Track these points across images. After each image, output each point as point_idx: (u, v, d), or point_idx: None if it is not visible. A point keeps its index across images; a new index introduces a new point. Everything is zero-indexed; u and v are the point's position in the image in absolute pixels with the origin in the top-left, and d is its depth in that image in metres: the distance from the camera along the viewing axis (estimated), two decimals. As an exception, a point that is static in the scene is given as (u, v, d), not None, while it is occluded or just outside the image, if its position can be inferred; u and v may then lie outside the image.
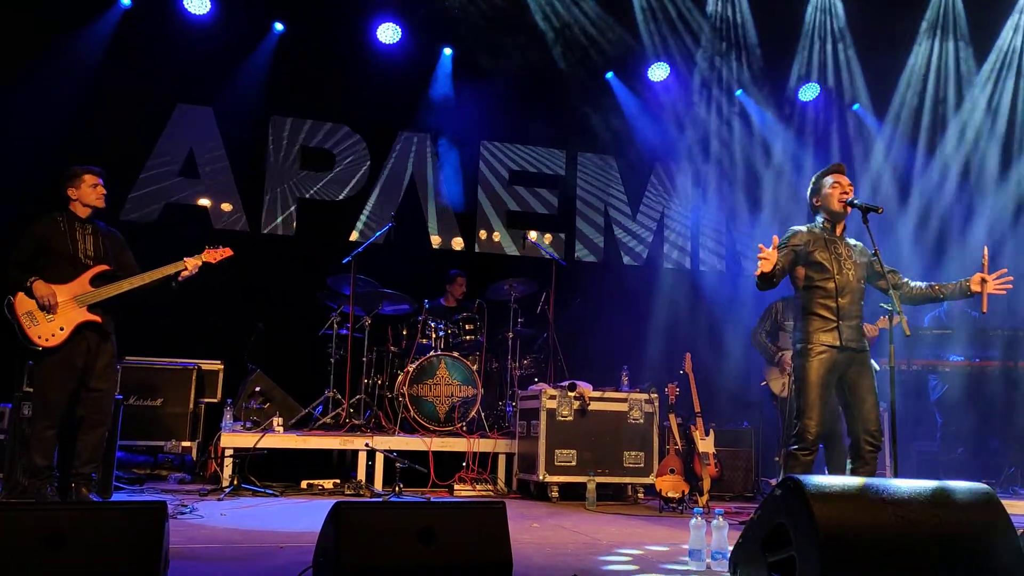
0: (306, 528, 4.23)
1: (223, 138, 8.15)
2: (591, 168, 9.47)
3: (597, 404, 6.19)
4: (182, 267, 4.68)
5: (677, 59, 8.92)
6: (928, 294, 4.34)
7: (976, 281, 4.19)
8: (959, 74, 8.84)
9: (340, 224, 8.45)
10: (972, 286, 4.20)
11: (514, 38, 8.46)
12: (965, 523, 2.81)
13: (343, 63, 8.22)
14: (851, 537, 2.69)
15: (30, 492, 4.37)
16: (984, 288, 4.16)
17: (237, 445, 5.90)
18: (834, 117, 9.27)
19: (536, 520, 4.94)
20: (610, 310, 8.24)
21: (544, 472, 5.94)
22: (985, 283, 4.16)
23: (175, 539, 3.18)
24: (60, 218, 4.61)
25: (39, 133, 7.01)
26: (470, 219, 8.94)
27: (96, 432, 4.55)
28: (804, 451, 4.10)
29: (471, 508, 2.90)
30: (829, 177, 4.37)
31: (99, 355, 4.55)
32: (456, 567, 2.61)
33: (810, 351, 4.16)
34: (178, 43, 7.69)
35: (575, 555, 3.79)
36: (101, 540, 2.36)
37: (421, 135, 8.83)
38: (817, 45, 8.96)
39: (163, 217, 7.89)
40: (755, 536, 3.04)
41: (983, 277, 4.17)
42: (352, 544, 2.51)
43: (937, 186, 8.82)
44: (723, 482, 6.53)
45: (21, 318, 4.38)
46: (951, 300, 4.45)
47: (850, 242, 4.36)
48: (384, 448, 6.06)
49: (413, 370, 6.59)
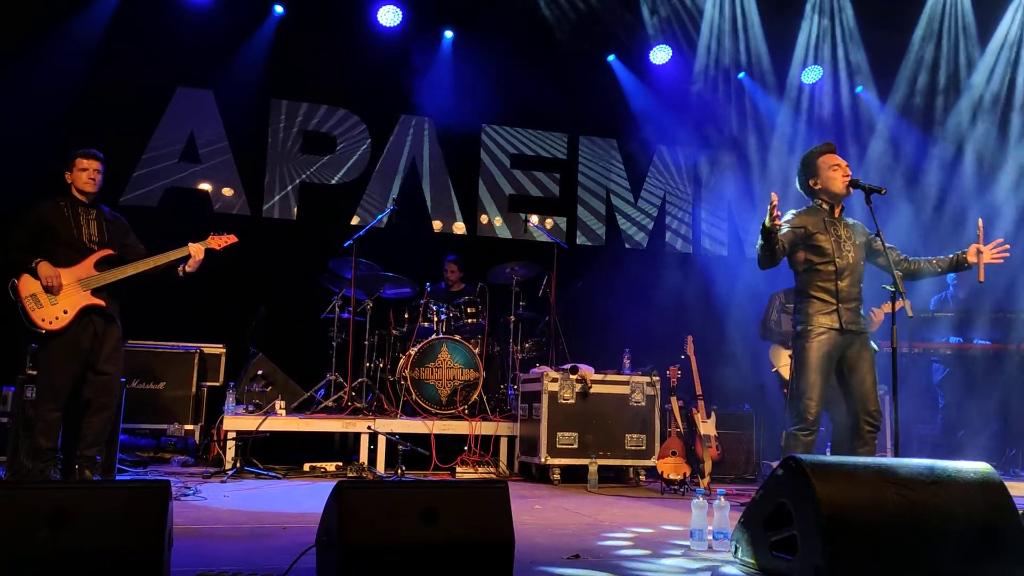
0: (309, 509, 4.25)
1: (224, 122, 8.13)
2: (592, 152, 9.45)
3: (599, 387, 6.20)
4: (186, 253, 4.68)
5: (679, 42, 8.86)
6: (927, 269, 4.37)
7: (972, 252, 4.23)
8: (963, 55, 8.78)
9: (341, 208, 8.43)
10: (969, 257, 4.25)
11: (515, 21, 8.42)
12: (966, 502, 2.82)
13: (343, 46, 8.18)
14: (852, 516, 2.70)
15: (34, 474, 4.39)
16: (980, 258, 4.20)
17: (240, 428, 5.91)
18: (837, 99, 9.21)
19: (538, 502, 4.96)
20: (611, 293, 8.24)
21: (546, 455, 5.96)
22: (981, 253, 4.20)
23: (179, 520, 3.19)
24: (63, 203, 4.61)
25: (39, 118, 6.99)
26: (471, 203, 8.92)
27: (102, 415, 4.56)
28: (805, 431, 4.12)
29: (473, 488, 2.91)
30: (825, 158, 4.32)
31: (105, 339, 4.56)
32: (458, 546, 2.61)
33: (810, 332, 4.16)
34: (178, 26, 7.65)
35: (577, 535, 3.80)
36: (104, 518, 2.36)
37: (421, 118, 8.80)
38: (821, 27, 8.90)
39: (164, 201, 7.89)
40: (757, 515, 3.05)
41: (978, 248, 4.22)
42: (355, 523, 2.51)
43: (941, 168, 8.78)
44: (724, 464, 6.55)
45: (25, 300, 4.38)
46: (949, 273, 4.49)
47: (848, 222, 4.35)
48: (386, 431, 6.08)
49: (415, 353, 6.60)
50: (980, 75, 8.71)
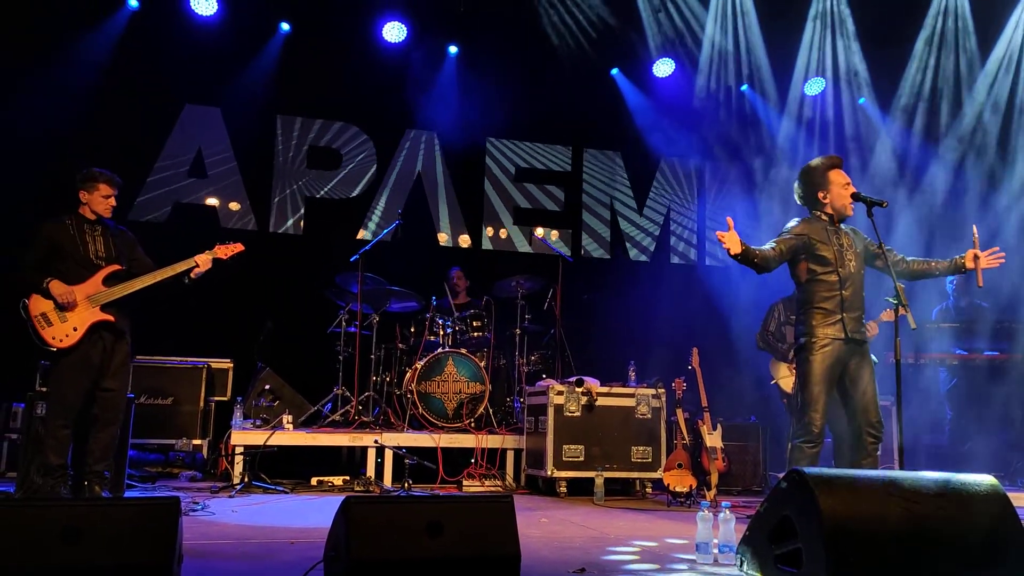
0: (317, 524, 4.27)
1: (231, 138, 8.22)
2: (597, 164, 9.50)
3: (604, 399, 6.22)
4: (193, 264, 4.73)
5: (682, 55, 8.92)
6: (924, 270, 4.45)
7: (969, 257, 4.33)
8: (964, 66, 8.80)
9: (348, 222, 8.49)
10: (966, 262, 4.33)
11: (519, 35, 8.49)
12: (971, 514, 2.83)
13: (349, 62, 8.27)
14: (857, 529, 2.72)
15: (44, 490, 4.43)
16: (977, 264, 4.29)
17: (247, 443, 5.95)
18: (840, 110, 9.24)
19: (544, 515, 4.97)
20: (617, 306, 8.26)
21: (552, 467, 5.97)
22: (978, 259, 4.29)
23: (188, 535, 3.21)
24: (68, 220, 4.65)
25: (49, 135, 7.08)
26: (477, 216, 8.97)
27: (108, 430, 4.61)
28: (809, 444, 4.13)
29: (479, 502, 2.93)
30: (835, 173, 4.35)
31: (114, 354, 4.61)
32: (465, 560, 2.63)
33: (814, 344, 4.18)
34: (186, 44, 7.74)
35: (583, 548, 3.81)
36: (116, 535, 2.40)
37: (427, 133, 8.87)
38: (822, 38, 8.94)
39: (172, 217, 7.96)
40: (762, 528, 3.06)
41: (975, 253, 4.31)
42: (362, 538, 2.54)
43: (943, 177, 8.79)
44: (731, 476, 6.54)
45: (35, 319, 4.44)
46: (945, 276, 4.67)
47: (847, 230, 4.38)
48: (393, 445, 6.11)
49: (421, 367, 6.63)
50: (982, 84, 8.73)
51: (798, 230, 4.31)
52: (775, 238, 4.32)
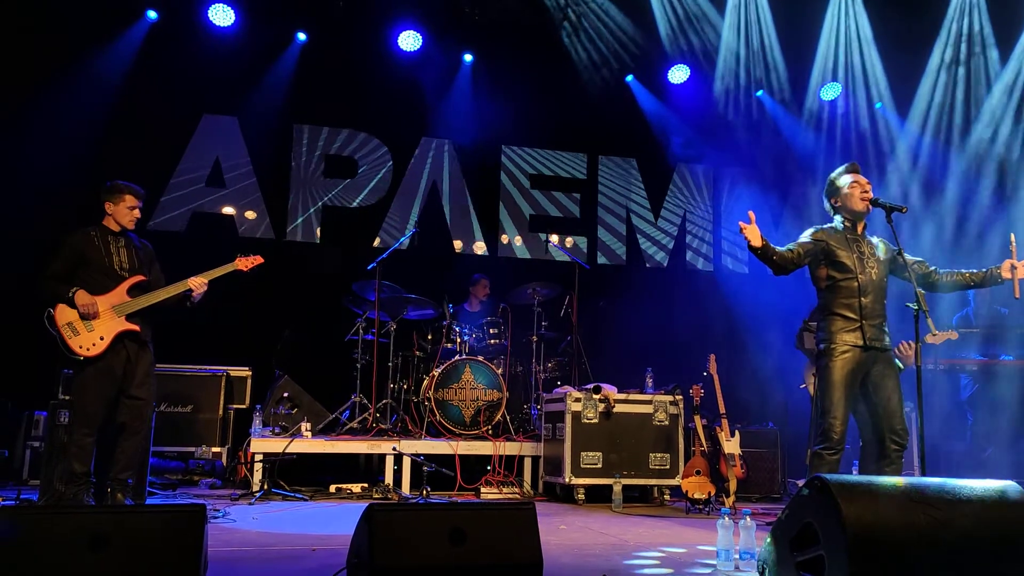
0: (337, 531, 4.30)
1: (248, 147, 8.29)
2: (612, 171, 9.50)
3: (622, 406, 6.21)
4: (186, 287, 4.76)
5: (698, 61, 8.91)
6: (959, 281, 4.34)
7: (1006, 267, 4.20)
8: (982, 71, 8.75)
9: (364, 230, 8.54)
10: (1003, 273, 4.21)
11: (533, 43, 8.52)
12: (993, 521, 2.81)
13: (365, 71, 8.32)
14: (879, 536, 2.70)
15: (67, 498, 4.46)
16: (1015, 274, 4.16)
17: (266, 450, 5.98)
18: (857, 116, 9.20)
19: (563, 522, 4.97)
20: (633, 312, 8.26)
21: (570, 475, 5.97)
22: (1015, 269, 4.16)
23: (210, 543, 3.22)
24: (93, 232, 4.71)
25: (69, 147, 7.18)
26: (492, 224, 9.00)
27: (134, 439, 4.64)
28: (830, 450, 4.11)
29: (501, 509, 2.94)
30: (846, 176, 4.36)
31: (138, 363, 4.66)
32: (487, 567, 2.64)
33: (833, 351, 4.17)
34: (203, 55, 7.82)
35: (603, 556, 3.81)
36: (143, 542, 2.42)
37: (442, 141, 8.91)
38: (838, 43, 8.91)
39: (190, 227, 8.02)
40: (783, 535, 3.05)
41: (1012, 263, 4.18)
42: (385, 545, 2.55)
43: (963, 183, 8.73)
44: (749, 483, 6.52)
45: (62, 329, 4.49)
46: (981, 287, 4.46)
47: (872, 240, 4.36)
48: (411, 452, 6.12)
49: (438, 374, 6.65)
50: (1000, 88, 8.67)
51: (817, 235, 4.31)
52: (794, 242, 4.32)
